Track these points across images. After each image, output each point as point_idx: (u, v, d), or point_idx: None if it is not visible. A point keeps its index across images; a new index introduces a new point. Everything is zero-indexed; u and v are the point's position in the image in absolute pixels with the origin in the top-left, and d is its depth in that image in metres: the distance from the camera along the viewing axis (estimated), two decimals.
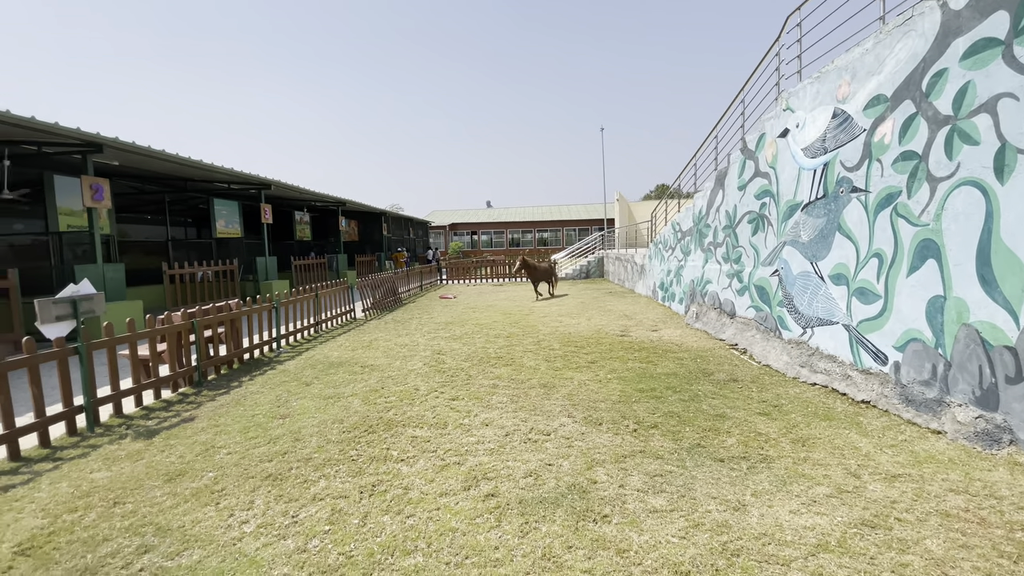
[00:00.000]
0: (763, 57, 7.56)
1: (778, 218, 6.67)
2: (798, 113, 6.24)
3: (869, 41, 4.96)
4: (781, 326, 6.58)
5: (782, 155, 6.60)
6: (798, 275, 6.21)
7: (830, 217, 5.54)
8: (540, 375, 6.17)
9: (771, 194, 6.88)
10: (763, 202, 7.10)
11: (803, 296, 6.10)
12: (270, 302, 8.23)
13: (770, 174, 6.91)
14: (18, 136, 9.26)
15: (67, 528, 3.05)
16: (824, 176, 5.66)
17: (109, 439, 4.49)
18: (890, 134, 4.63)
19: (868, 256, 4.94)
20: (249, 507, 3.21)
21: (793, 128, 6.34)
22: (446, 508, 3.12)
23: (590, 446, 3.99)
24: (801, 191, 6.13)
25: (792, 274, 6.34)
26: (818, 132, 5.79)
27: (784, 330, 6.51)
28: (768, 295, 6.92)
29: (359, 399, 5.47)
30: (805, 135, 6.07)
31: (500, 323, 10.37)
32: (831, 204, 5.53)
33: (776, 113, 6.81)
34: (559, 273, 23.51)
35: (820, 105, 5.77)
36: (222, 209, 17.23)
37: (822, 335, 5.72)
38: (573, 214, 45.35)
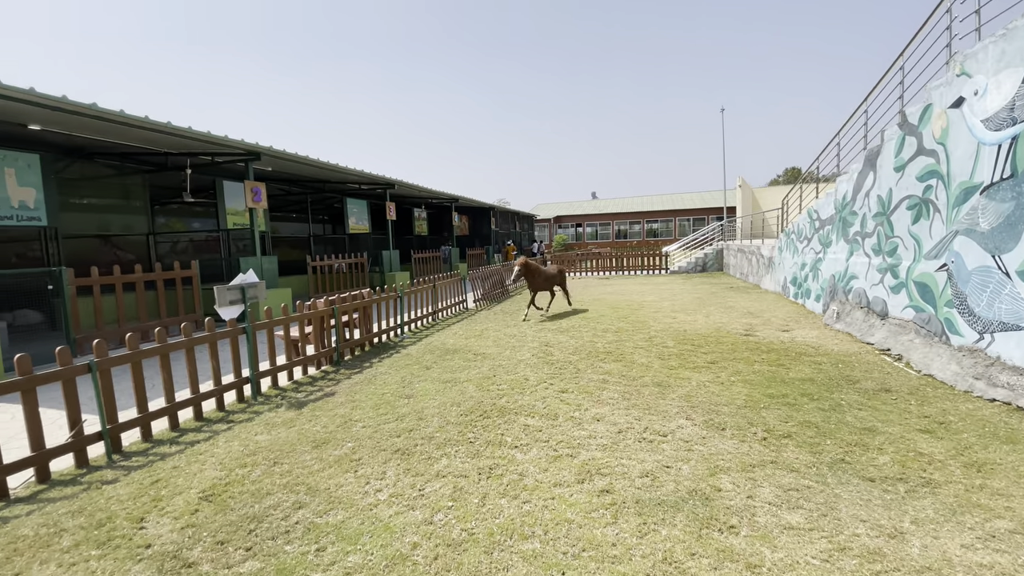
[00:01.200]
0: (930, 15, 6.41)
1: (948, 203, 5.65)
2: (977, 78, 5.20)
3: None
4: (949, 330, 5.59)
5: (955, 128, 5.55)
6: (974, 270, 5.20)
7: (1020, 201, 4.56)
8: (653, 373, 5.93)
9: (939, 175, 5.84)
10: (928, 185, 6.06)
11: (980, 295, 5.11)
12: (395, 292, 8.92)
13: (938, 151, 5.86)
14: (197, 148, 11.08)
15: (239, 480, 3.60)
16: (1012, 152, 4.66)
17: (268, 407, 5.21)
18: None
19: None
20: (382, 477, 3.52)
21: (970, 96, 5.30)
22: (560, 499, 3.14)
23: (712, 452, 3.75)
24: (980, 171, 5.11)
25: (966, 269, 5.33)
26: (1004, 99, 4.77)
27: (953, 335, 5.52)
28: (932, 293, 5.91)
29: (473, 385, 5.71)
30: (987, 104, 5.04)
31: (608, 317, 10.16)
32: (1022, 186, 4.54)
33: (947, 79, 5.74)
34: (671, 266, 22.40)
35: (1007, 67, 4.75)
36: (353, 207, 19.08)
37: (1005, 342, 4.75)
38: (687, 203, 42.75)
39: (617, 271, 22.89)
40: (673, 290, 14.86)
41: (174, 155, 11.55)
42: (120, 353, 4.29)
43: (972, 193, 5.24)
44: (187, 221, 17.71)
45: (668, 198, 45.67)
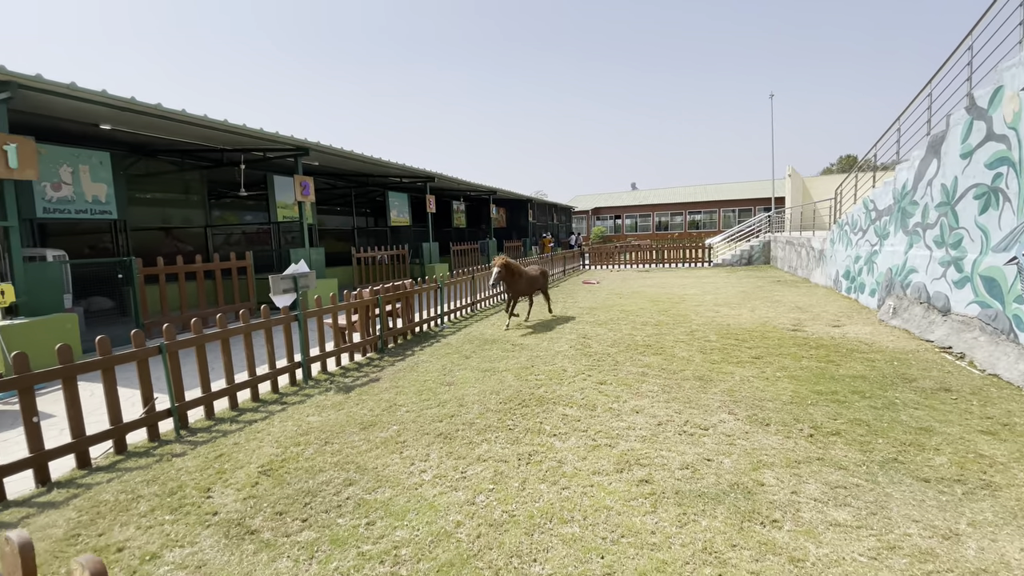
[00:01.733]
0: None
1: (1020, 192, 5.27)
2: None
3: None
4: (1018, 327, 5.24)
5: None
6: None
7: None
8: (695, 367, 5.85)
9: (1010, 162, 5.45)
10: (997, 172, 5.66)
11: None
12: (435, 283, 9.12)
13: (1009, 137, 5.46)
14: (250, 144, 11.61)
15: (293, 458, 3.83)
16: None
17: (318, 391, 5.49)
18: None
19: None
20: (426, 459, 3.67)
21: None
22: (599, 486, 3.18)
23: (755, 447, 3.69)
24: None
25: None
26: None
27: (1022, 332, 5.17)
28: (1000, 288, 5.54)
29: (512, 374, 5.81)
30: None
31: (647, 310, 10.03)
32: None
33: (1020, 59, 5.33)
34: (715, 259, 21.77)
35: None
36: (395, 200, 19.53)
37: None
38: (732, 193, 41.27)
39: (657, 264, 22.47)
40: (716, 283, 14.47)
41: (229, 151, 12.16)
42: (186, 337, 4.61)
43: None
44: (240, 214, 18.63)
45: (712, 188, 44.23)
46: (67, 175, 10.18)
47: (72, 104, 7.91)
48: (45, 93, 7.17)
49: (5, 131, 6.78)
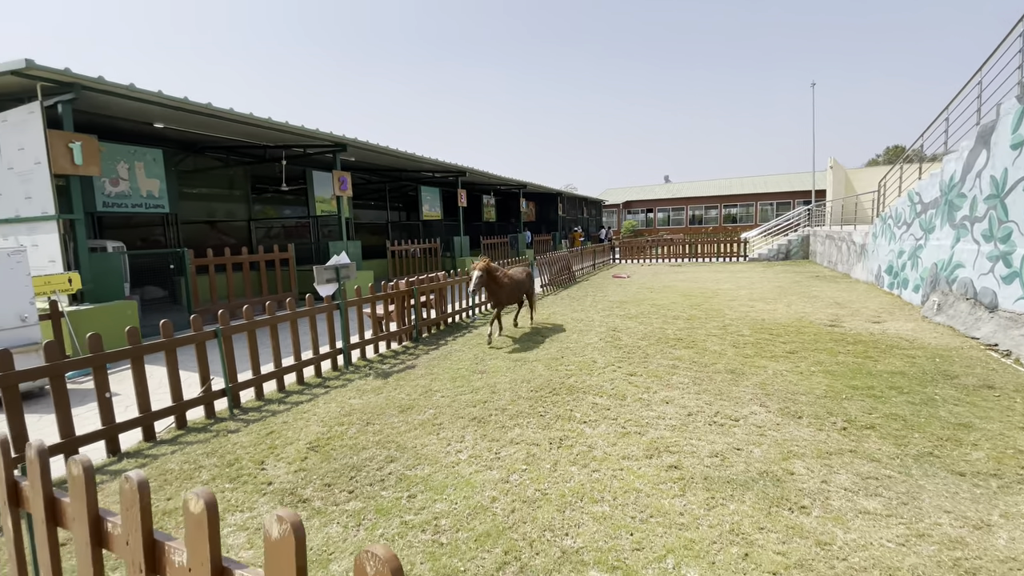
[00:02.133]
0: None
1: None
2: None
3: None
4: None
5: None
6: None
7: None
8: (726, 360, 5.84)
9: None
10: None
11: None
12: (468, 275, 9.32)
13: None
14: (291, 140, 12.06)
15: (338, 436, 4.07)
16: None
17: (359, 376, 5.75)
18: None
19: None
20: (461, 440, 3.85)
21: None
22: (629, 470, 3.29)
23: (786, 438, 3.71)
24: None
25: None
26: None
27: None
28: None
29: (542, 365, 5.93)
30: None
31: (679, 304, 9.97)
32: None
33: None
34: (750, 253, 21.28)
35: None
36: (427, 195, 19.88)
37: None
38: (770, 186, 40.00)
39: (690, 258, 22.12)
40: (751, 278, 14.20)
41: (271, 148, 12.66)
42: (239, 323, 4.93)
43: None
44: (280, 208, 19.33)
45: (749, 181, 42.98)
46: (124, 171, 10.82)
47: (129, 104, 8.43)
48: (105, 94, 7.67)
49: (71, 130, 7.31)
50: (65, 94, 7.08)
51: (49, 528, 1.46)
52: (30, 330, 5.73)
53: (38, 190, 7.21)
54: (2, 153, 7.65)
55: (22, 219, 7.53)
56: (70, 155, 7.08)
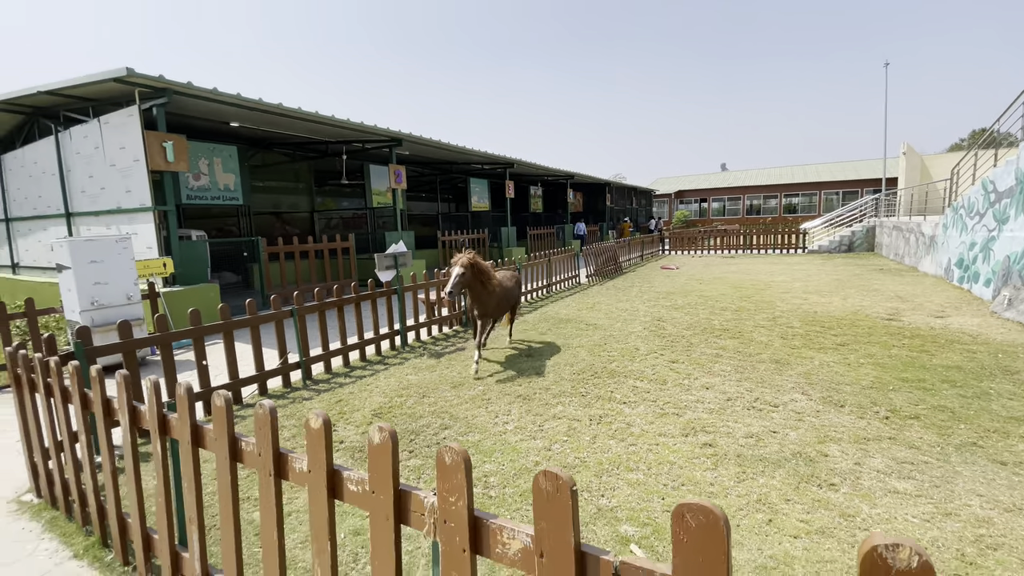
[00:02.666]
0: None
1: None
2: None
3: None
4: None
5: None
6: None
7: None
8: (772, 351, 5.86)
9: None
10: None
11: None
12: (514, 264, 9.64)
13: None
14: (351, 136, 12.77)
15: (398, 406, 4.51)
16: None
17: (414, 355, 6.22)
18: None
19: None
20: (508, 414, 4.18)
21: None
22: (664, 445, 3.50)
23: (825, 423, 3.79)
24: None
25: None
26: None
27: None
28: None
29: (585, 350, 6.17)
30: None
31: (728, 296, 9.87)
32: None
33: None
34: (810, 245, 20.37)
35: None
36: (475, 187, 20.35)
37: None
38: (835, 173, 37.76)
39: (744, 250, 21.46)
40: (808, 271, 13.71)
41: (333, 143, 13.45)
42: (311, 303, 5.48)
43: None
44: (339, 200, 20.40)
45: (812, 169, 40.73)
46: (204, 167, 11.88)
47: (210, 105, 9.28)
48: (192, 97, 8.50)
49: (163, 130, 8.18)
50: (159, 98, 7.94)
51: (193, 449, 1.89)
52: (134, 307, 6.57)
53: (137, 184, 8.14)
54: (105, 152, 8.67)
55: (123, 210, 8.53)
56: (164, 153, 7.94)
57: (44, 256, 10.83)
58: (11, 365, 3.11)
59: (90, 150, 8.96)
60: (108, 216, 8.86)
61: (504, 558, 1.08)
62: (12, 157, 11.64)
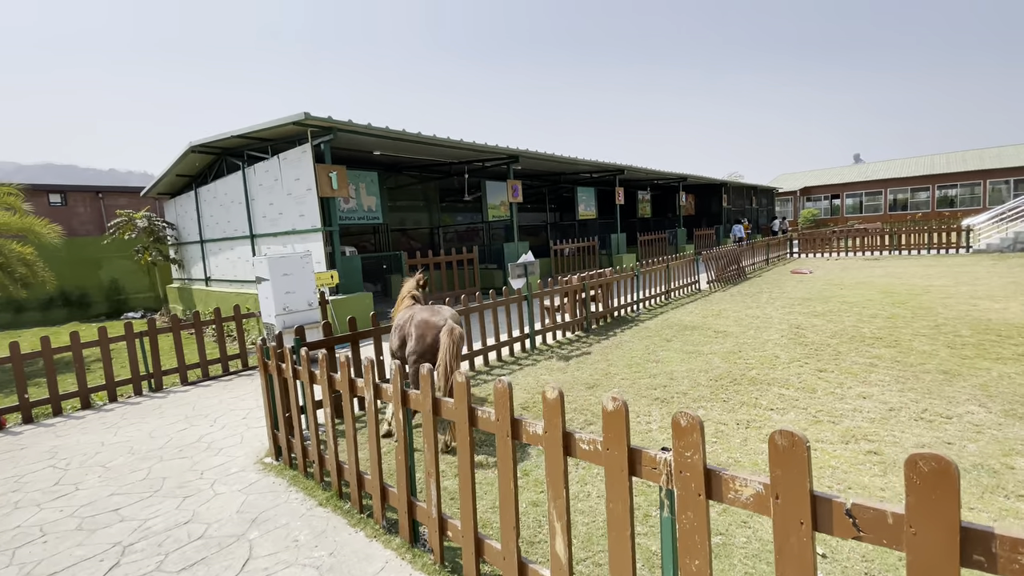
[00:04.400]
0: None
1: None
2: None
3: None
4: None
5: None
6: None
7: None
8: (938, 361, 5.35)
9: None
10: None
11: None
12: (632, 271, 9.74)
13: None
14: (472, 157, 13.77)
15: (539, 402, 4.92)
16: None
17: (544, 357, 6.65)
18: None
19: None
20: (648, 415, 4.39)
21: None
22: (824, 451, 3.48)
23: (1008, 436, 3.48)
24: None
25: None
26: None
27: None
28: None
29: (718, 358, 6.13)
30: None
31: (877, 302, 9.01)
32: None
33: None
34: (976, 243, 17.52)
35: None
36: (582, 195, 20.62)
37: None
38: (1005, 159, 31.95)
39: (890, 250, 19.12)
40: (975, 273, 11.94)
41: (455, 164, 14.61)
42: (457, 308, 6.17)
43: None
44: (455, 216, 21.93)
45: (972, 155, 34.91)
46: (353, 191, 13.57)
47: (360, 138, 10.69)
48: (349, 132, 9.89)
49: (329, 163, 9.63)
50: (326, 135, 9.38)
51: (434, 419, 2.43)
52: (313, 312, 7.80)
53: (309, 209, 9.67)
54: (283, 182, 10.40)
55: (298, 231, 10.16)
56: (330, 182, 9.35)
57: (231, 271, 13.18)
58: (260, 355, 4.04)
59: (270, 182, 10.81)
60: (285, 236, 10.60)
61: (736, 502, 1.36)
62: (206, 190, 14.33)
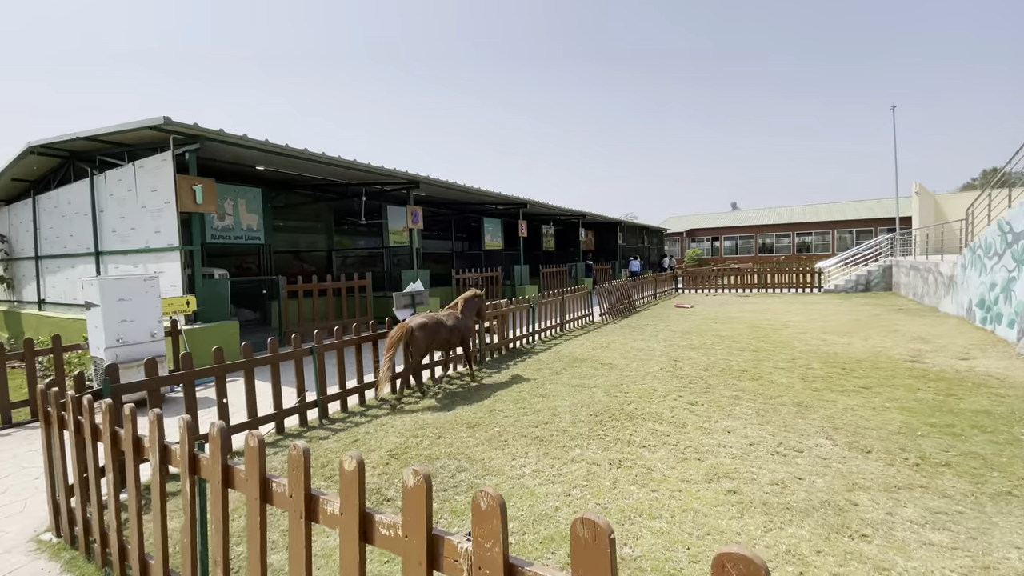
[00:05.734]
0: None
1: None
2: None
3: None
4: None
5: None
6: None
7: None
8: (793, 393, 5.75)
9: None
10: None
11: None
12: (528, 303, 9.70)
13: None
14: (371, 179, 13.20)
15: (413, 447, 4.48)
16: None
17: (429, 394, 6.20)
18: None
19: None
20: (525, 456, 4.13)
21: None
22: (687, 492, 3.42)
23: (852, 470, 3.69)
24: None
25: None
26: None
27: None
28: None
29: (602, 391, 6.11)
30: None
31: (745, 336, 9.77)
32: None
33: None
34: (826, 284, 20.16)
35: None
36: (489, 226, 20.73)
37: None
38: (849, 213, 37.85)
39: (759, 288, 21.32)
40: (825, 310, 13.55)
41: (353, 185, 13.91)
42: (330, 342, 5.56)
43: None
44: (356, 240, 20.86)
45: (825, 208, 40.89)
46: (230, 208, 12.30)
47: (238, 150, 9.72)
48: (223, 143, 8.93)
49: (195, 174, 8.57)
50: (192, 144, 8.35)
51: (223, 489, 1.92)
52: (156, 344, 6.70)
53: (166, 225, 8.46)
54: (137, 194, 9.07)
55: (151, 249, 8.83)
56: (193, 196, 8.28)
57: (70, 293, 11.17)
58: (41, 402, 3.19)
59: (123, 192, 9.38)
60: (136, 255, 9.18)
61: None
62: (47, 198, 12.19)
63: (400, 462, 4.13)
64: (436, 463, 4.06)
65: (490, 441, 4.51)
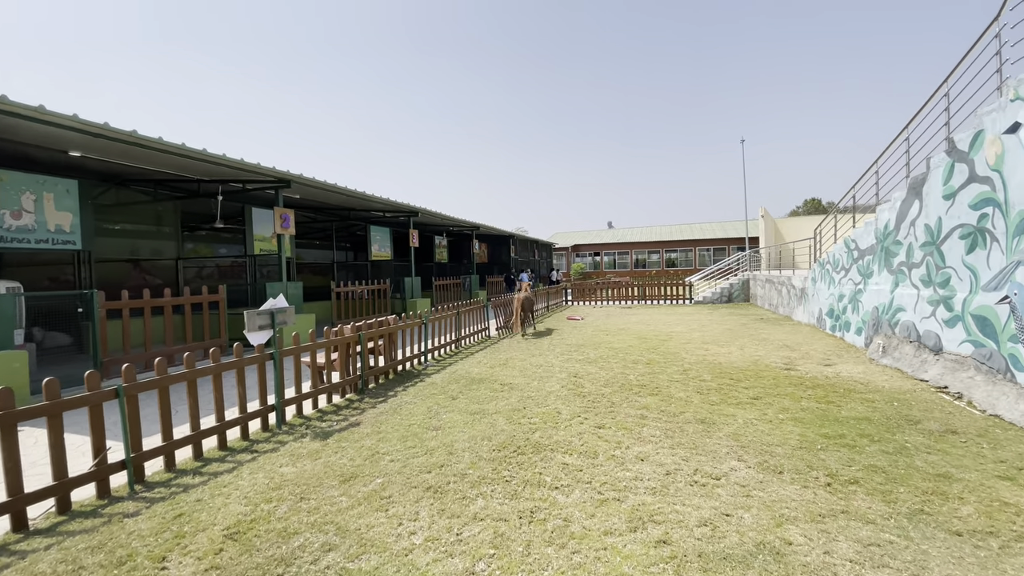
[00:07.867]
0: (976, 40, 6.25)
1: (1008, 232, 5.35)
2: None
3: None
4: (1014, 367, 5.20)
5: (1011, 155, 5.31)
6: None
7: None
8: (694, 409, 5.62)
9: (995, 203, 5.56)
10: (983, 213, 5.77)
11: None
12: (420, 319, 8.78)
13: (993, 179, 5.60)
14: (230, 175, 11.29)
15: (264, 517, 3.39)
16: None
17: (293, 437, 5.03)
18: None
19: None
20: (415, 518, 3.28)
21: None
22: (613, 549, 2.86)
23: (774, 498, 3.43)
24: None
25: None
26: None
27: (1019, 372, 5.14)
28: (993, 327, 5.54)
29: (503, 417, 5.46)
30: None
31: (636, 348, 9.85)
32: None
33: (1000, 105, 5.53)
34: (695, 296, 21.95)
35: None
36: (376, 235, 19.28)
37: None
38: (707, 232, 42.48)
39: (639, 300, 22.54)
40: (701, 321, 14.47)
41: (206, 182, 11.80)
42: (148, 378, 4.17)
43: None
44: (214, 247, 18.04)
45: (687, 228, 45.48)
46: (29, 203, 9.64)
47: (40, 128, 7.55)
48: (10, 116, 6.80)
49: None
50: None
51: None
52: None
53: None
54: None
55: None
56: None
57: None
58: None
59: None
60: None
61: None
62: None
63: (241, 545, 3.03)
64: (293, 541, 3.04)
65: (370, 499, 3.58)
